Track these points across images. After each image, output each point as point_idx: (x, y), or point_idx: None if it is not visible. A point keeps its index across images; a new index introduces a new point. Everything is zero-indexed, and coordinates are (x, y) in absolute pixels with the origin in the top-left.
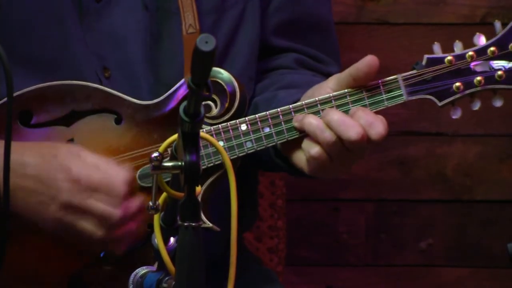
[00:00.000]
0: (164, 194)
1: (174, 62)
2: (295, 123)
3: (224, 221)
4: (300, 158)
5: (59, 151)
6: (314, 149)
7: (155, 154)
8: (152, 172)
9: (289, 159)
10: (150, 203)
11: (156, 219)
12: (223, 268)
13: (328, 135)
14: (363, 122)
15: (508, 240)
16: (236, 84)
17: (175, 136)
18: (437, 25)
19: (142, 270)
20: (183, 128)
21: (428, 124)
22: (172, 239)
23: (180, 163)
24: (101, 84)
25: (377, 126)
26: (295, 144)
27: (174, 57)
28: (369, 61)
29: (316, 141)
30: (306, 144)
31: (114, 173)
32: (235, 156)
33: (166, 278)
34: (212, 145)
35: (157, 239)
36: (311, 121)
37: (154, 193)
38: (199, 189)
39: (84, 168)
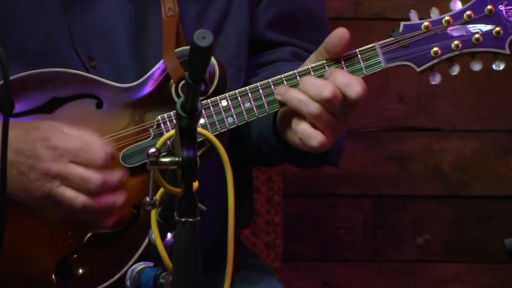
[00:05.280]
0: (161, 190)
1: (159, 51)
2: (277, 96)
3: (220, 214)
4: (294, 136)
5: (42, 125)
6: (301, 126)
7: (152, 150)
8: (150, 168)
9: (287, 139)
10: (147, 199)
11: (153, 214)
12: (220, 263)
13: (313, 108)
14: (339, 82)
15: (505, 236)
16: (215, 63)
17: (172, 131)
18: None
19: (139, 266)
20: (180, 123)
21: (425, 119)
22: (169, 235)
23: (177, 159)
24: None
25: (355, 85)
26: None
27: (159, 47)
28: (339, 33)
29: (301, 114)
30: (295, 123)
31: (94, 142)
32: (217, 132)
33: (164, 273)
34: (211, 142)
35: (154, 234)
36: (294, 95)
37: (151, 189)
38: (196, 184)
39: (64, 137)
